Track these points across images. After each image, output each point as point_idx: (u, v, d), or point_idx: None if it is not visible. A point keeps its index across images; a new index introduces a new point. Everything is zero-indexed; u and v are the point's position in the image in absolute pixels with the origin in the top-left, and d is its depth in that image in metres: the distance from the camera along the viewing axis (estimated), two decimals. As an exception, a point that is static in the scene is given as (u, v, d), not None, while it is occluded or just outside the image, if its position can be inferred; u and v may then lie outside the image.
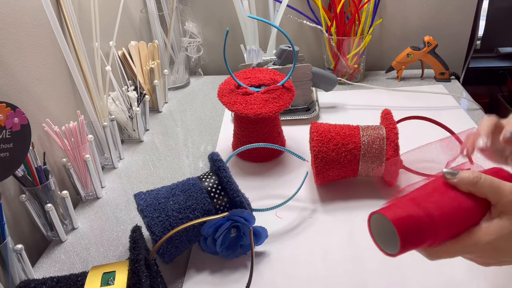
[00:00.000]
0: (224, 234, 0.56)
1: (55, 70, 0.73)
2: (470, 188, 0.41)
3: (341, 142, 0.66)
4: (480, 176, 0.41)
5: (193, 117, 1.01)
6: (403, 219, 0.39)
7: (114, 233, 0.67)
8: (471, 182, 0.41)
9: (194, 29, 1.16)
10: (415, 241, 0.39)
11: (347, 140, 0.66)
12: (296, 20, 1.12)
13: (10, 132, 0.52)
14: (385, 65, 1.17)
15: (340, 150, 0.66)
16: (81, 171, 0.73)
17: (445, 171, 0.42)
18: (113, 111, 0.87)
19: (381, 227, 0.42)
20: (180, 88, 1.17)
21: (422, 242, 0.40)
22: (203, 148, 0.88)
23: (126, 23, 1.02)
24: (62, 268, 0.61)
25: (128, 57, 1.00)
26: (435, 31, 1.12)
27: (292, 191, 0.67)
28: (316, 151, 0.66)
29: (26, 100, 0.65)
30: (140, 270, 0.45)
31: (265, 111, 0.72)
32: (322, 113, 0.96)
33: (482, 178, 0.41)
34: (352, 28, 1.03)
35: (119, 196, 0.75)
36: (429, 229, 0.39)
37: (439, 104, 0.96)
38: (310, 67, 0.91)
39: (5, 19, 0.61)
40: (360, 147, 0.66)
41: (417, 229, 0.39)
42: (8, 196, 0.61)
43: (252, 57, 0.98)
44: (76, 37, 0.75)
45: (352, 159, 0.66)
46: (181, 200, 0.58)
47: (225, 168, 0.60)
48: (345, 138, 0.66)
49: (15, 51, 0.63)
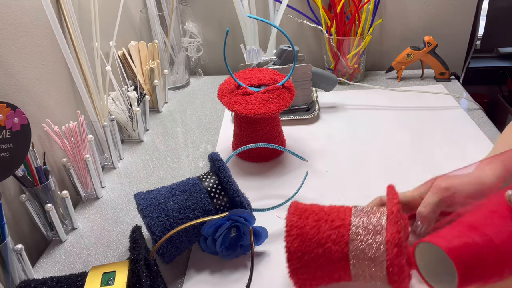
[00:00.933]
0: (224, 234, 0.56)
1: (55, 70, 0.73)
2: None
3: (324, 218, 0.49)
4: None
5: (193, 117, 1.01)
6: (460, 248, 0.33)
7: (114, 233, 0.67)
8: None
9: (194, 29, 1.16)
10: (476, 274, 0.32)
11: (333, 216, 0.49)
12: (296, 20, 1.12)
13: (10, 132, 0.52)
14: (385, 65, 1.17)
15: (322, 228, 0.49)
16: (81, 171, 0.73)
17: (509, 193, 0.36)
18: (113, 111, 0.87)
19: (431, 259, 0.36)
20: (180, 88, 1.17)
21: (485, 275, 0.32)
22: (203, 148, 0.88)
23: (126, 23, 1.02)
24: (62, 268, 0.61)
25: (128, 57, 1.00)
26: (435, 31, 1.12)
27: (292, 191, 0.67)
28: (289, 226, 0.50)
29: (26, 100, 0.65)
30: (140, 270, 0.45)
31: (265, 111, 0.72)
32: (322, 113, 0.96)
33: None
34: (352, 28, 1.03)
35: (119, 196, 0.75)
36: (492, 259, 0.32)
37: (439, 104, 0.96)
38: (310, 67, 0.91)
39: (5, 19, 0.61)
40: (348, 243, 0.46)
41: (478, 258, 0.32)
42: (8, 196, 0.61)
43: (252, 57, 0.98)
44: (76, 37, 0.75)
45: (338, 259, 0.46)
46: (181, 200, 0.58)
47: (225, 168, 0.60)
48: (330, 214, 0.50)
49: (15, 51, 0.63)
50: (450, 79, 1.07)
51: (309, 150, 0.83)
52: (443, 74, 1.07)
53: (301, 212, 0.50)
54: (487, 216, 0.35)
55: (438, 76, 1.07)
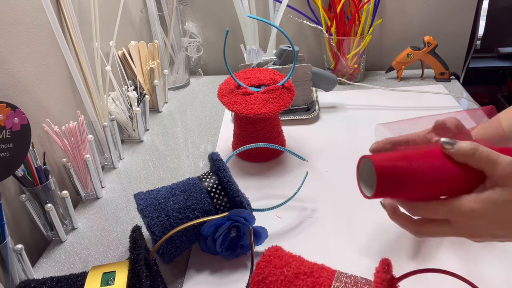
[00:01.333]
0: (224, 234, 0.56)
1: (55, 70, 0.73)
2: (466, 159, 0.41)
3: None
4: (478, 148, 0.40)
5: (193, 117, 1.01)
6: (386, 166, 0.40)
7: (114, 233, 0.67)
8: (468, 152, 0.40)
9: (194, 29, 1.16)
10: (391, 186, 0.40)
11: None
12: (296, 20, 1.12)
13: (10, 132, 0.52)
14: (385, 65, 1.17)
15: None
16: (81, 171, 0.73)
17: (443, 140, 0.42)
18: (113, 111, 0.87)
19: (368, 172, 0.43)
20: (180, 88, 1.17)
21: (397, 189, 0.41)
22: (203, 148, 0.88)
23: (126, 23, 1.02)
24: (62, 268, 0.61)
25: (128, 57, 1.00)
26: (435, 31, 1.12)
27: (292, 191, 0.67)
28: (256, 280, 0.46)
29: (26, 100, 0.65)
30: (140, 270, 0.45)
31: (265, 111, 0.72)
32: (322, 113, 0.96)
33: (479, 150, 0.40)
34: (352, 28, 1.03)
35: (119, 196, 0.75)
36: (407, 179, 0.40)
37: (439, 104, 0.96)
38: (310, 67, 0.91)
39: (5, 19, 0.61)
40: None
41: (395, 175, 0.40)
42: (8, 196, 0.61)
43: (252, 57, 0.98)
44: (76, 37, 0.75)
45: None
46: (181, 200, 0.58)
47: (225, 168, 0.60)
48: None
49: (15, 51, 0.63)
50: (450, 79, 1.07)
51: (309, 150, 0.83)
52: (443, 74, 1.07)
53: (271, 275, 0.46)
54: (421, 153, 0.42)
55: (438, 76, 1.07)
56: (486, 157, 0.40)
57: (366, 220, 0.64)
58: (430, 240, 0.59)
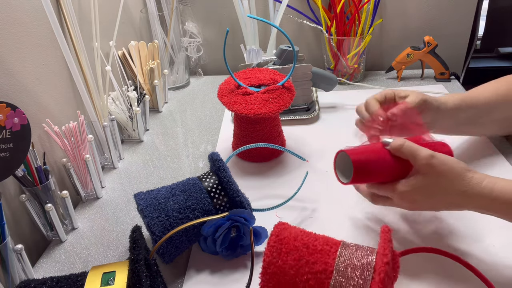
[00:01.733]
0: (224, 234, 0.56)
1: (55, 70, 0.73)
2: (398, 153, 0.53)
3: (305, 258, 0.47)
4: (403, 143, 0.52)
5: (193, 117, 1.01)
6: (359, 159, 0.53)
7: (114, 233, 0.67)
8: (397, 147, 0.53)
9: (194, 29, 1.16)
10: (362, 174, 0.53)
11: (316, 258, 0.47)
12: (296, 20, 1.12)
13: (10, 132, 0.52)
14: (385, 65, 1.17)
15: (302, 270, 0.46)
16: (81, 171, 0.73)
17: (382, 140, 0.56)
18: (113, 111, 0.87)
19: (344, 164, 0.56)
20: (180, 88, 1.17)
21: (365, 176, 0.54)
22: (203, 148, 0.88)
23: (126, 23, 1.02)
24: (62, 268, 0.61)
25: (128, 57, 1.00)
26: (435, 31, 1.12)
27: (292, 191, 0.67)
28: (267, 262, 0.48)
29: (26, 100, 0.65)
30: (140, 270, 0.45)
31: (265, 111, 0.72)
32: (322, 113, 0.96)
33: (404, 145, 0.52)
34: (352, 28, 1.03)
35: (119, 196, 0.75)
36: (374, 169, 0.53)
37: (439, 104, 0.95)
38: (310, 67, 0.91)
39: (5, 19, 0.61)
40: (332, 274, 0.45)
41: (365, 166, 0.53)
42: (8, 196, 0.61)
43: (252, 57, 0.98)
44: (76, 37, 0.75)
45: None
46: (181, 200, 0.58)
47: (225, 168, 0.60)
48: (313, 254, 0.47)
49: (15, 51, 0.63)
50: (450, 79, 1.07)
51: (309, 150, 0.83)
52: (443, 74, 1.07)
53: (282, 245, 0.48)
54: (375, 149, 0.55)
55: (438, 76, 1.07)
56: (409, 151, 0.52)
57: (366, 220, 0.64)
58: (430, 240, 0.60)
